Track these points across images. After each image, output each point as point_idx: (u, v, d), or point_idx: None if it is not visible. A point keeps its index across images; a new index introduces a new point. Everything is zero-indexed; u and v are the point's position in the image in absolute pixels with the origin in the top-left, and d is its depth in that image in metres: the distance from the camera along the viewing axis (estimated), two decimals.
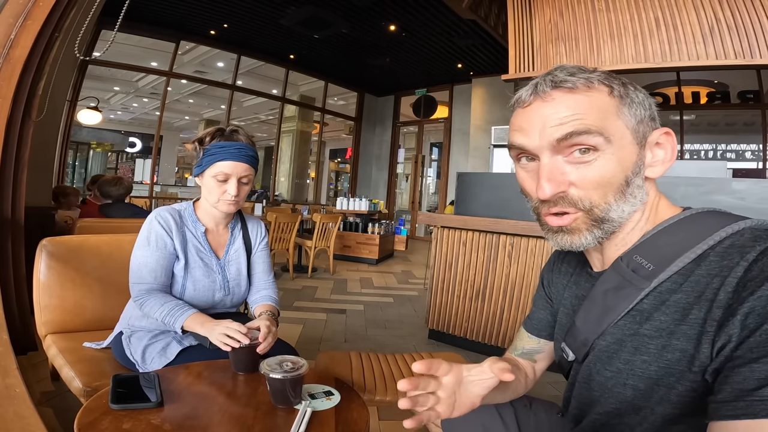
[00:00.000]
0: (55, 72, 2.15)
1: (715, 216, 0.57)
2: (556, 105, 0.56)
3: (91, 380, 1.14)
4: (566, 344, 0.70)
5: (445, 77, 8.67)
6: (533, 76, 0.62)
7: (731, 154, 7.25)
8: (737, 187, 2.10)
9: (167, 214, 1.24)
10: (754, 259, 0.47)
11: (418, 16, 6.07)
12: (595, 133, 0.55)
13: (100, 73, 8.30)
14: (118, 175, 3.28)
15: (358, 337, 2.92)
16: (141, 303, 1.17)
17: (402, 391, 0.55)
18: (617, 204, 0.57)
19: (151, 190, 7.73)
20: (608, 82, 0.57)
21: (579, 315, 0.67)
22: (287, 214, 4.71)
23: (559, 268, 0.81)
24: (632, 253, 0.60)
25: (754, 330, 0.43)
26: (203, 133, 1.24)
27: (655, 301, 0.55)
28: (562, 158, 0.57)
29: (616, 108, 0.56)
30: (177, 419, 0.79)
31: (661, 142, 0.60)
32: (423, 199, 10.76)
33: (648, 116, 0.59)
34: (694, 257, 0.53)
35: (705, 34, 2.75)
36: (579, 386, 0.67)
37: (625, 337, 0.58)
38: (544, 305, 0.84)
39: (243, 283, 1.35)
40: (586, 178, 0.56)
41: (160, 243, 1.20)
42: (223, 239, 1.34)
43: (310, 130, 10.63)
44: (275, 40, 7.38)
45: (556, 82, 0.57)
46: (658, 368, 0.53)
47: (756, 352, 0.42)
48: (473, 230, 2.65)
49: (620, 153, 0.56)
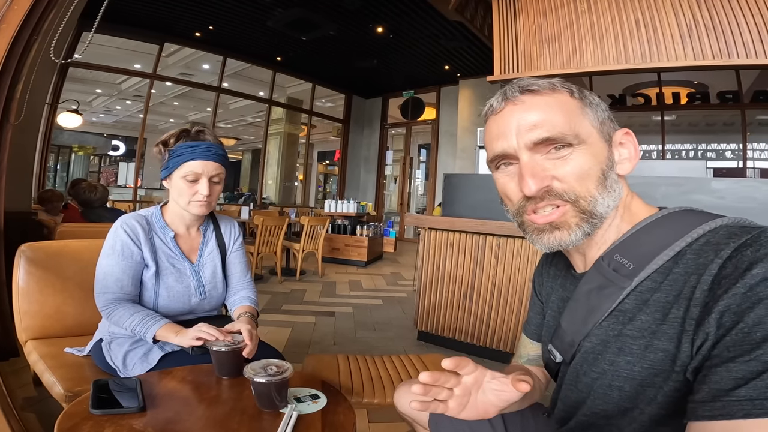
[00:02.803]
0: (33, 75, 2.11)
1: (692, 214, 0.58)
2: (526, 107, 0.60)
3: (73, 385, 1.13)
4: (553, 346, 0.71)
5: (433, 79, 8.71)
6: (518, 78, 0.64)
7: (712, 153, 7.42)
8: (717, 187, 2.15)
9: (134, 222, 1.19)
10: (728, 257, 0.47)
11: (405, 18, 6.10)
12: (569, 133, 0.58)
13: (81, 75, 8.16)
14: (94, 181, 3.24)
15: (347, 339, 2.91)
16: (108, 313, 1.14)
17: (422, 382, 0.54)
18: (601, 196, 0.59)
19: (135, 194, 7.62)
20: (567, 86, 0.62)
21: (564, 316, 0.68)
22: (275, 217, 4.68)
23: (548, 271, 0.82)
24: (613, 252, 0.60)
25: (730, 329, 0.43)
26: (167, 135, 1.20)
27: (636, 300, 0.56)
28: (540, 156, 0.60)
29: (579, 108, 0.61)
30: (160, 424, 0.78)
31: (624, 142, 0.63)
32: (411, 201, 10.78)
33: (607, 117, 0.63)
34: (673, 254, 0.54)
35: (684, 35, 2.81)
36: (566, 388, 0.67)
37: (609, 338, 0.58)
38: (539, 309, 0.85)
39: (219, 286, 1.32)
40: (566, 173, 0.59)
41: (126, 252, 1.16)
42: (195, 243, 1.30)
43: (297, 132, 10.58)
44: (262, 42, 7.34)
45: (522, 86, 0.61)
46: (641, 369, 0.53)
47: (732, 351, 0.42)
48: (460, 231, 2.66)
49: (592, 149, 0.60)
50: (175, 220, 1.27)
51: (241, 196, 11.99)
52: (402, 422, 1.09)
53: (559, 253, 0.74)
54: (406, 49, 7.28)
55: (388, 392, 1.26)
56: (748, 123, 6.42)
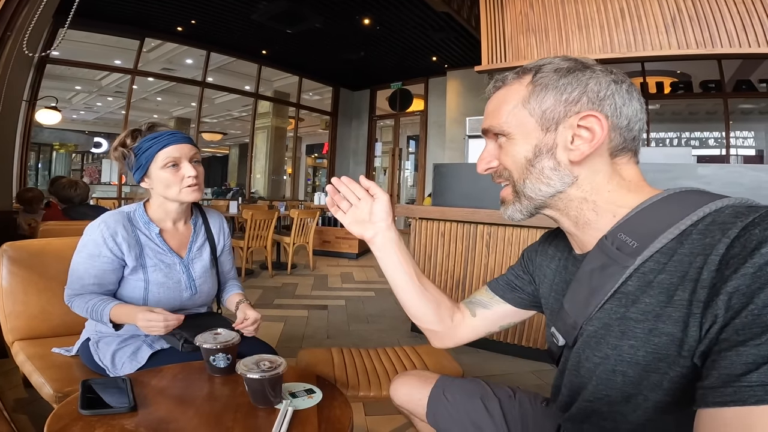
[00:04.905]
0: (8, 71, 2.05)
1: (696, 194, 0.57)
2: (489, 101, 0.69)
3: (62, 386, 1.12)
4: (555, 328, 0.70)
5: (421, 70, 8.66)
6: (505, 68, 0.66)
7: (695, 141, 7.54)
8: (703, 172, 2.18)
9: (114, 221, 1.15)
10: (735, 236, 0.46)
11: (392, 9, 6.04)
12: (498, 126, 0.66)
13: (60, 72, 7.93)
14: (73, 178, 3.18)
15: (341, 332, 2.91)
16: (69, 305, 1.16)
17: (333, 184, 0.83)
18: (529, 180, 0.64)
19: (119, 191, 7.47)
20: (535, 67, 0.64)
21: (567, 297, 0.67)
22: (264, 211, 4.64)
23: (546, 250, 0.81)
24: (617, 231, 0.59)
25: (740, 311, 0.42)
26: (121, 137, 1.17)
27: (640, 282, 0.54)
28: (493, 142, 0.69)
29: (523, 98, 0.63)
30: (152, 424, 0.77)
31: (582, 125, 0.60)
32: (402, 192, 10.78)
33: (563, 101, 0.60)
34: (678, 233, 0.52)
35: (668, 25, 2.83)
36: (569, 373, 0.65)
37: (611, 321, 0.57)
38: (517, 274, 0.86)
39: (210, 281, 1.30)
40: (502, 158, 0.67)
41: (94, 251, 1.13)
42: (184, 237, 1.27)
43: (285, 125, 10.47)
44: (246, 35, 7.20)
45: (497, 79, 0.69)
46: (646, 353, 0.52)
47: (742, 335, 0.41)
48: (451, 221, 2.67)
49: (524, 138, 0.63)
50: (161, 215, 1.23)
51: (229, 191, 11.85)
52: (399, 415, 1.09)
53: (561, 234, 0.74)
54: (393, 41, 7.22)
55: (383, 385, 1.26)
56: (730, 112, 6.53)
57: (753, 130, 7.39)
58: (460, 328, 0.89)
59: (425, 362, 1.42)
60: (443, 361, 1.43)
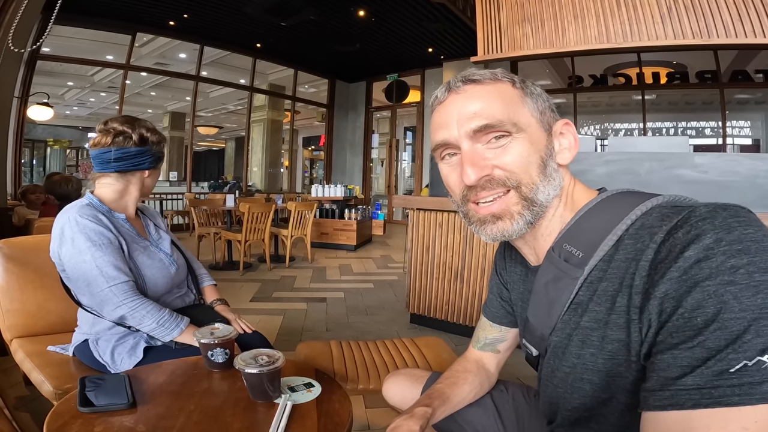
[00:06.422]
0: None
1: (628, 196, 0.58)
2: (468, 96, 0.60)
3: (62, 383, 1.12)
4: (526, 341, 0.70)
5: (417, 62, 8.62)
6: (502, 58, 0.64)
7: (691, 131, 7.55)
8: (699, 161, 2.18)
9: (88, 210, 1.14)
10: (662, 241, 0.47)
11: (387, 0, 5.98)
12: (507, 122, 0.58)
13: (51, 68, 7.84)
14: (66, 174, 3.23)
15: (340, 325, 2.92)
16: (133, 307, 1.09)
17: None
18: (542, 183, 0.59)
19: None
20: (509, 76, 0.62)
21: (529, 310, 0.68)
22: (261, 204, 4.62)
23: (510, 255, 0.79)
24: (561, 242, 0.60)
25: (671, 314, 0.43)
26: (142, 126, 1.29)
27: (588, 291, 0.55)
28: (480, 145, 0.60)
29: (519, 98, 0.61)
30: (151, 420, 0.77)
31: (564, 132, 0.63)
32: (399, 183, 10.77)
33: (548, 107, 0.63)
34: (616, 239, 0.53)
35: (663, 15, 2.81)
36: (544, 382, 0.66)
37: (571, 331, 0.58)
38: (500, 290, 0.84)
39: (179, 256, 1.35)
40: (506, 161, 0.59)
41: (104, 239, 1.11)
42: (140, 223, 1.33)
43: (281, 118, 10.42)
44: (240, 29, 7.13)
45: (465, 77, 0.62)
46: (604, 360, 0.53)
47: (676, 337, 0.42)
48: (449, 211, 2.66)
49: (531, 137, 0.60)
50: (122, 204, 1.25)
51: (226, 184, 11.81)
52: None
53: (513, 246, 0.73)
54: (388, 33, 7.16)
55: (383, 378, 1.25)
56: (726, 102, 6.54)
57: (749, 120, 7.41)
58: (496, 369, 0.89)
59: (425, 354, 1.42)
60: (443, 354, 1.43)
